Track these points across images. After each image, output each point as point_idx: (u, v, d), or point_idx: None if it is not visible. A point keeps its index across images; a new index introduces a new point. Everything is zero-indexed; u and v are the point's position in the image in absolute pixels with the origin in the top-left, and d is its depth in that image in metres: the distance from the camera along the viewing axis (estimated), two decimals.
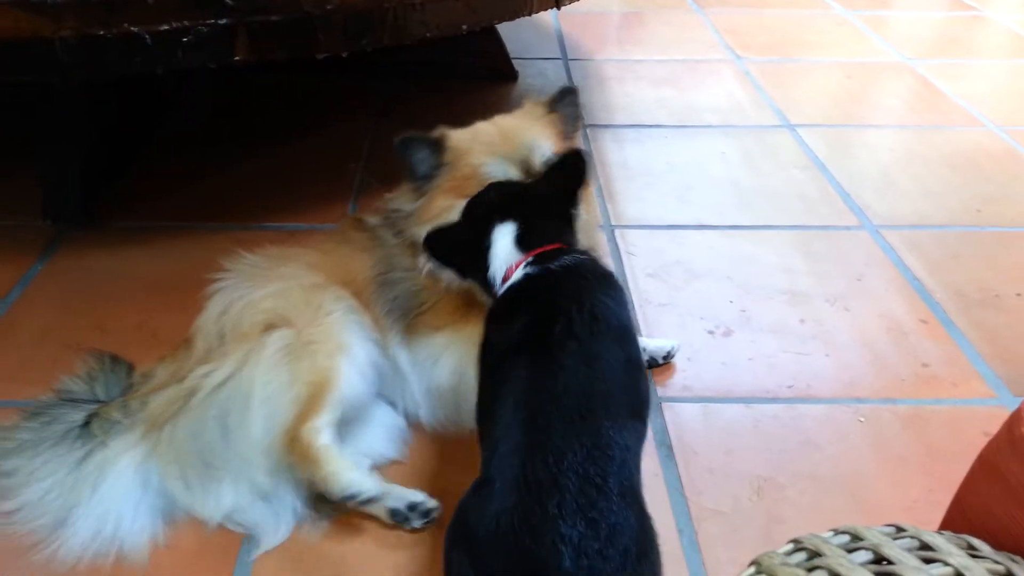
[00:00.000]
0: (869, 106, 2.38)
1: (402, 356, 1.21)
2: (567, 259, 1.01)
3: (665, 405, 1.26)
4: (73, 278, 1.53)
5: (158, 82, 1.24)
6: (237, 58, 1.25)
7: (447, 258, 1.08)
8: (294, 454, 1.05)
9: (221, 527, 1.07)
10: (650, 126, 2.17)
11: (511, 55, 2.43)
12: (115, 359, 1.24)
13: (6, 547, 1.02)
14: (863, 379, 1.33)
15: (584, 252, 1.05)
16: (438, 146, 1.20)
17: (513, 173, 1.17)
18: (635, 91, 2.38)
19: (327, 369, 1.10)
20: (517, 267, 1.02)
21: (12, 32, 1.15)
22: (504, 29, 2.28)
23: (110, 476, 1.06)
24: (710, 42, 2.75)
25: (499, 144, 1.20)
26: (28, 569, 1.00)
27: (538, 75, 2.46)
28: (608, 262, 1.60)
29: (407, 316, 1.21)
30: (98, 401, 1.16)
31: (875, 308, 1.49)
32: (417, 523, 1.05)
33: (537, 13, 1.60)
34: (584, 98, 2.31)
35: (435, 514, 1.06)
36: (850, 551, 0.69)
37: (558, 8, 1.66)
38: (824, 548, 0.69)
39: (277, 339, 1.12)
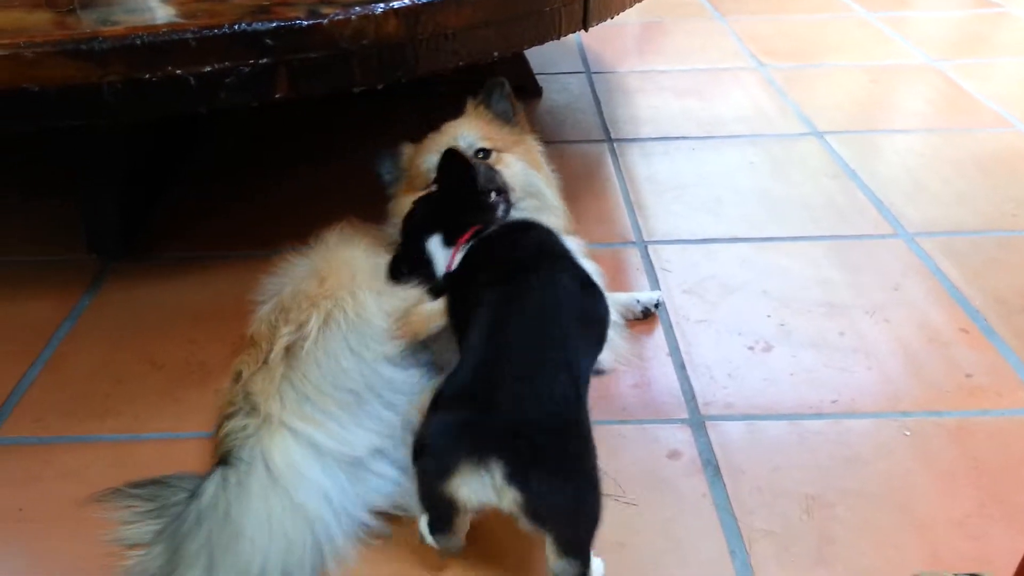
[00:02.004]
0: (895, 110, 2.37)
1: None
2: (489, 231, 1.25)
3: (709, 424, 1.27)
4: (120, 311, 1.56)
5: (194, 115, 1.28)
6: (277, 95, 1.28)
7: (406, 276, 1.26)
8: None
9: None
10: (676, 138, 2.18)
11: (534, 71, 2.45)
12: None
13: None
14: (907, 392, 1.33)
15: (502, 221, 1.30)
16: (396, 156, 1.49)
17: None
18: (660, 102, 2.39)
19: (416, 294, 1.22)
20: (453, 259, 1.24)
21: (62, 80, 1.18)
22: (527, 49, 2.30)
23: (294, 467, 1.05)
24: (732, 50, 2.75)
25: (435, 144, 1.41)
26: None
27: (562, 90, 2.48)
28: (643, 279, 1.61)
29: None
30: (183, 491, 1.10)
31: (915, 318, 1.49)
32: None
33: (565, 36, 1.62)
34: (608, 111, 2.33)
35: None
36: None
37: (585, 30, 1.67)
38: None
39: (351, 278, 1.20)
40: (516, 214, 1.37)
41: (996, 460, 1.19)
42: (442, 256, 1.26)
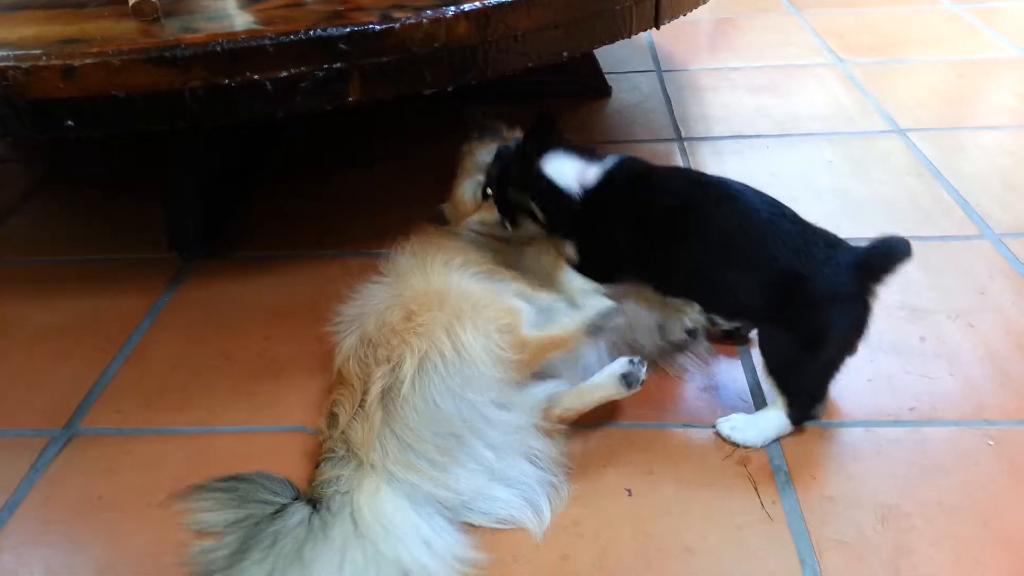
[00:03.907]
0: (984, 106, 2.27)
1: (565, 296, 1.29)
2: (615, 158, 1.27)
3: None
4: (198, 308, 1.62)
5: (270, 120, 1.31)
6: (351, 99, 1.30)
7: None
8: (527, 350, 1.14)
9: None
10: (750, 136, 2.14)
11: (604, 70, 2.43)
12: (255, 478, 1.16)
13: None
14: (991, 400, 1.27)
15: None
16: (439, 213, 1.48)
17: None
18: (733, 100, 2.35)
19: (511, 307, 1.19)
20: (587, 174, 1.25)
21: (148, 86, 1.23)
22: (597, 48, 2.29)
23: (384, 520, 1.05)
24: (810, 45, 2.68)
25: (468, 172, 1.44)
26: None
27: (632, 89, 2.46)
28: None
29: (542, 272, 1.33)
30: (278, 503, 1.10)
31: (1001, 323, 1.42)
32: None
33: (635, 35, 1.60)
34: (679, 110, 2.30)
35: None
36: None
37: (657, 28, 1.65)
38: None
39: (441, 310, 1.16)
40: None
41: None
42: (572, 171, 1.26)
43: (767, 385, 1.24)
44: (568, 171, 1.26)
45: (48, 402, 1.38)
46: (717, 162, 2.02)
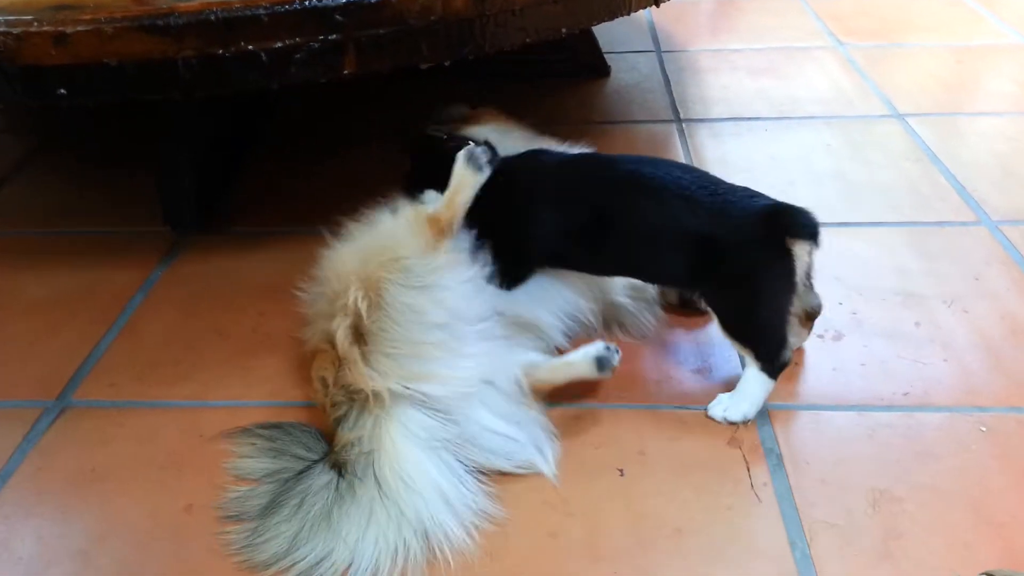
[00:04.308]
0: (984, 92, 2.26)
1: None
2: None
3: (773, 412, 1.24)
4: (192, 282, 1.61)
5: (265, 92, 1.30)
6: (346, 72, 1.28)
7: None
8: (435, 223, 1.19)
9: None
10: (749, 119, 2.12)
11: (603, 50, 2.41)
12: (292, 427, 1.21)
13: None
14: (985, 386, 1.27)
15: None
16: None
17: None
18: (732, 82, 2.33)
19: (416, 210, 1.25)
20: None
21: (141, 54, 1.21)
22: (596, 25, 2.27)
23: (405, 477, 1.08)
24: (811, 28, 2.66)
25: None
26: None
27: (630, 69, 2.44)
28: None
29: None
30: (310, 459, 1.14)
31: (996, 310, 1.42)
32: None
33: (635, 12, 1.59)
34: (678, 91, 2.28)
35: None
36: None
37: (656, 6, 1.64)
38: None
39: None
40: None
41: None
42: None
43: (734, 350, 1.28)
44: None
45: (41, 374, 1.38)
46: (715, 144, 2.01)
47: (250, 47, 1.23)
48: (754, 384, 1.22)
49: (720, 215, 1.17)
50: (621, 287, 1.38)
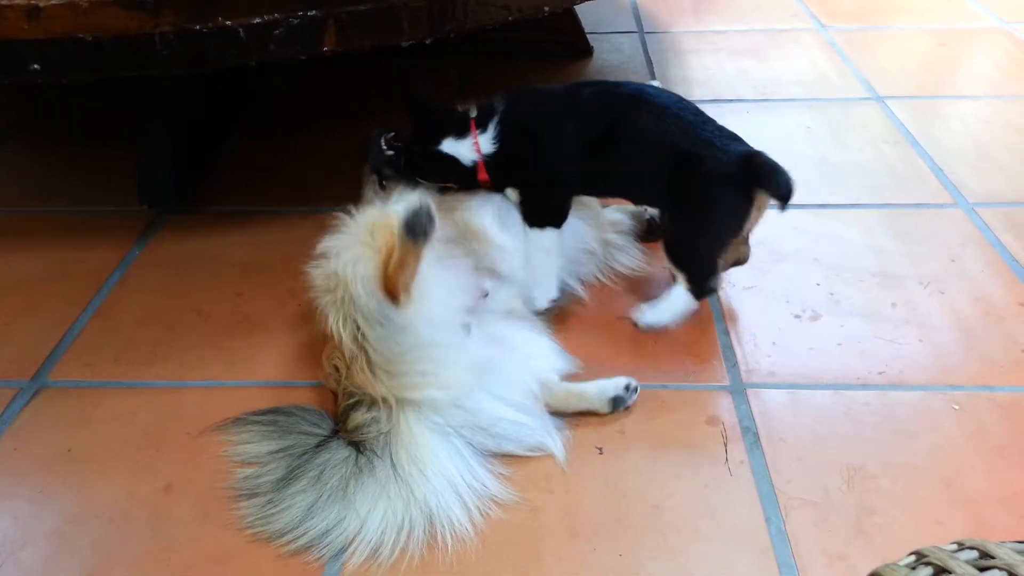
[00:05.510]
0: (963, 75, 2.27)
1: None
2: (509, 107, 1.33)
3: (751, 391, 1.25)
4: (169, 262, 1.59)
5: (244, 69, 1.28)
6: (325, 49, 1.27)
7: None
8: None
9: None
10: (731, 100, 2.13)
11: (586, 30, 2.40)
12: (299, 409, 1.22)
13: None
14: (958, 365, 1.29)
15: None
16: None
17: None
18: (714, 64, 2.33)
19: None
20: (477, 144, 1.32)
21: (117, 29, 1.20)
22: (579, 4, 2.26)
23: (419, 462, 1.10)
24: (793, 10, 2.66)
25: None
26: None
27: (613, 50, 2.43)
28: None
29: None
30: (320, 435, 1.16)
31: (971, 291, 1.44)
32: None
33: None
34: (661, 72, 2.28)
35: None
36: (981, 570, 0.65)
37: None
38: (952, 564, 0.65)
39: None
40: None
41: None
42: (465, 147, 1.32)
43: (669, 267, 1.34)
44: (463, 150, 1.32)
45: (15, 354, 1.36)
46: None
47: (228, 23, 1.22)
48: (677, 301, 1.33)
49: (705, 144, 1.25)
50: (608, 225, 1.50)
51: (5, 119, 2.15)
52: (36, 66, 1.24)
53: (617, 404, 1.21)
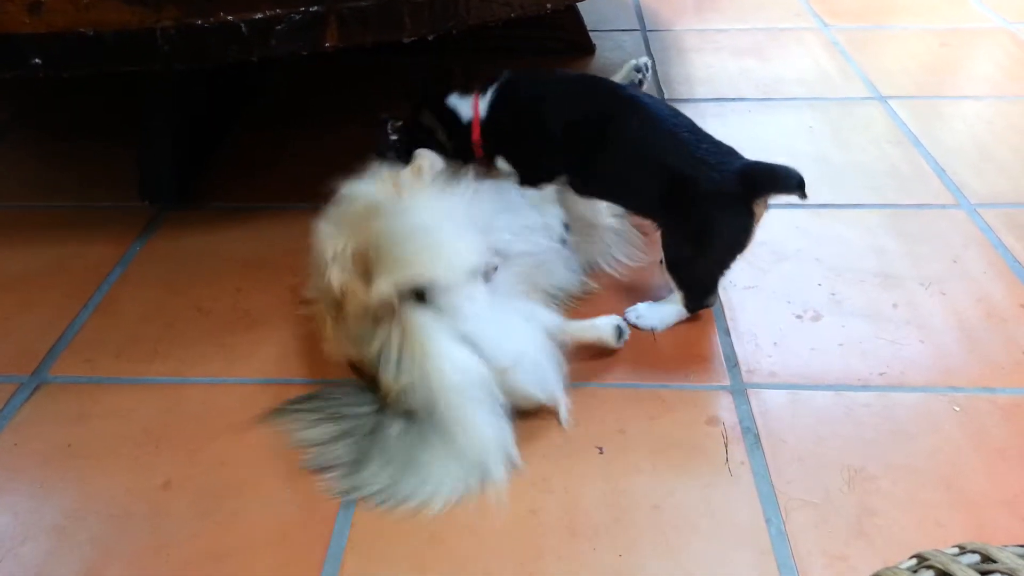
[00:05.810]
0: (966, 75, 2.27)
1: None
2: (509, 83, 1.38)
3: (751, 391, 1.25)
4: (170, 258, 1.59)
5: (245, 65, 1.28)
6: (327, 44, 1.27)
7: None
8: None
9: None
10: (733, 99, 2.12)
11: (588, 27, 2.40)
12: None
13: None
14: (960, 367, 1.29)
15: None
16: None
17: None
18: (716, 62, 2.33)
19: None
20: (477, 107, 1.36)
21: (118, 24, 1.19)
22: (582, 1, 2.26)
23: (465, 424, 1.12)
24: (796, 9, 2.66)
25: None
26: None
27: (616, 47, 2.43)
28: None
29: None
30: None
31: (973, 292, 1.44)
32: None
33: None
34: (662, 70, 2.28)
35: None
36: (983, 574, 0.65)
37: None
38: (953, 568, 0.65)
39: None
40: None
41: None
42: (466, 105, 1.37)
43: (667, 279, 1.34)
44: (463, 107, 1.37)
45: (15, 350, 1.36)
46: (699, 124, 2.00)
47: (230, 18, 1.22)
48: (672, 311, 1.36)
49: (701, 163, 1.24)
50: (605, 209, 1.49)
51: (6, 113, 2.15)
52: (37, 60, 1.23)
53: (621, 333, 1.29)
